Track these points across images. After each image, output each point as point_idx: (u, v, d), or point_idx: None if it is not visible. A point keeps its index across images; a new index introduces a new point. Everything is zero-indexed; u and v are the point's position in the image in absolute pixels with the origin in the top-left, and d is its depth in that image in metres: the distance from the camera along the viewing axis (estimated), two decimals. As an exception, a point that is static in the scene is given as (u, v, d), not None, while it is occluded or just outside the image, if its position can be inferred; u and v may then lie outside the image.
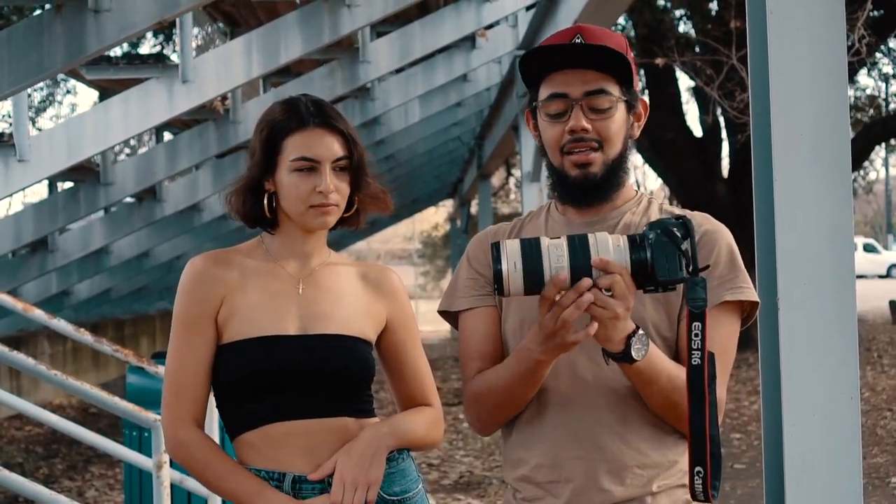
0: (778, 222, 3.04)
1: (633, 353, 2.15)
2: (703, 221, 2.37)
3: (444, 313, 2.49)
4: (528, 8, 9.09)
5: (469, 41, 10.04)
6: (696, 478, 2.13)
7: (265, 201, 2.46)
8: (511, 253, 2.10)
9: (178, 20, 7.01)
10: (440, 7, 8.96)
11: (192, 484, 4.95)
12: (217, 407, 2.49)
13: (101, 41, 4.74)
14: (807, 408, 3.01)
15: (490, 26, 9.82)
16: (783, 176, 3.04)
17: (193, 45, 7.36)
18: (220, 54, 7.18)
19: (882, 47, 15.26)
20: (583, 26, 2.33)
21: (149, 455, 5.99)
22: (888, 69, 17.15)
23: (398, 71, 9.94)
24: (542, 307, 2.11)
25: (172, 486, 4.55)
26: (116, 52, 10.12)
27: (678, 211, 2.39)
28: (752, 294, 2.33)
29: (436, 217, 38.46)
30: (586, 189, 2.33)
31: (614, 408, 2.30)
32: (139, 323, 17.55)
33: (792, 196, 3.04)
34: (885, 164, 38.32)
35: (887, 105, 17.31)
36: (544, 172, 10.95)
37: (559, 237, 2.12)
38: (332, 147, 2.42)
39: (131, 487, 6.53)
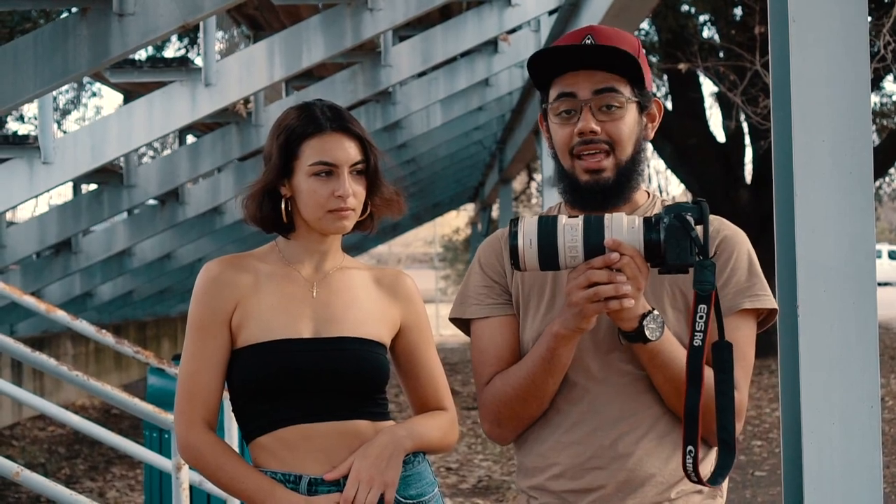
0: (798, 229, 3.02)
1: (647, 333, 2.17)
2: (721, 227, 2.37)
3: (455, 320, 2.48)
4: (550, 12, 9.08)
5: (491, 45, 10.03)
6: (687, 456, 2.13)
7: (282, 206, 2.47)
8: (528, 230, 2.14)
9: (201, 24, 7.04)
10: (462, 11, 8.96)
11: (211, 486, 4.97)
12: (232, 411, 2.51)
13: (125, 45, 4.77)
14: (826, 416, 2.99)
15: (512, 31, 9.82)
16: (804, 183, 3.03)
17: (217, 48, 7.40)
18: (243, 58, 7.21)
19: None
20: (594, 27, 2.32)
21: (169, 456, 6.04)
22: (914, 75, 17.06)
23: (420, 75, 9.96)
24: (573, 278, 2.13)
25: (192, 487, 4.56)
26: (141, 55, 10.17)
27: None
28: (770, 301, 2.33)
29: (457, 221, 38.45)
30: (597, 194, 2.31)
31: (635, 416, 2.30)
32: (161, 325, 17.65)
33: (813, 203, 3.03)
34: (911, 170, 38.06)
35: (913, 111, 17.21)
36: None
37: (577, 216, 2.16)
38: (350, 151, 2.43)
39: (151, 488, 6.56)
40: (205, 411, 2.43)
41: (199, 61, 7.58)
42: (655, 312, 2.17)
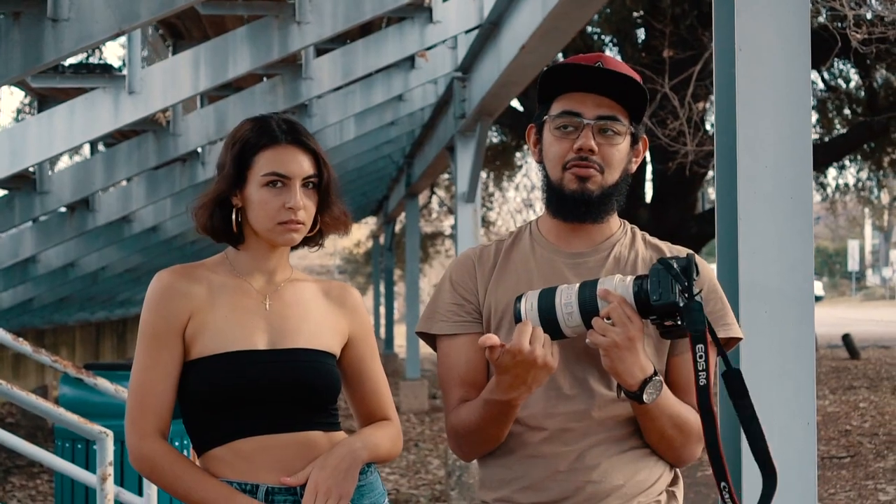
0: (741, 252, 3.13)
1: (645, 397, 2.25)
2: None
3: (421, 333, 2.52)
4: (468, 31, 9.14)
5: (409, 61, 10.07)
6: (723, 492, 2.21)
7: (233, 216, 2.49)
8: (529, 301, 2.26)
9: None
10: (383, 27, 8.99)
11: (128, 497, 4.94)
12: (184, 423, 2.51)
13: (58, 50, 4.71)
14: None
15: (430, 48, 9.87)
16: (747, 206, 3.14)
17: (124, 54, 7.30)
18: (168, 67, 7.14)
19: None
20: (604, 56, 2.40)
21: (84, 466, 5.96)
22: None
23: (337, 88, 9.95)
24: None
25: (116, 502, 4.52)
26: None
27: (662, 244, 2.48)
28: (738, 331, 2.43)
29: (358, 234, 38.39)
30: (580, 203, 2.38)
31: (602, 431, 2.36)
32: (59, 333, 17.28)
33: (754, 227, 3.14)
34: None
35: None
36: (479, 193, 10.73)
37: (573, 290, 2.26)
38: (303, 164, 2.46)
39: (63, 500, 6.45)
40: (158, 421, 2.42)
41: (118, 66, 7.48)
42: (657, 378, 2.26)
